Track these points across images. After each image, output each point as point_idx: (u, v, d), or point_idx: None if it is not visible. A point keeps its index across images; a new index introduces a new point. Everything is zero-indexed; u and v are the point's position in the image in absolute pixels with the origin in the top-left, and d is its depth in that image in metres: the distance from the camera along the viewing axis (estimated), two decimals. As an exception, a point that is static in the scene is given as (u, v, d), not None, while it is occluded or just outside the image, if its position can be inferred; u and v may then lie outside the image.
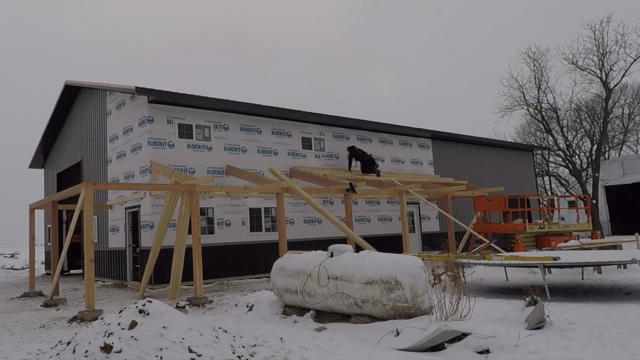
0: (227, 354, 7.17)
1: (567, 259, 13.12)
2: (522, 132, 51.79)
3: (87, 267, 12.56)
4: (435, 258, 12.06)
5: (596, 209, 36.62)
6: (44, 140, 29.82)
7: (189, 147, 19.64)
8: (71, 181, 25.94)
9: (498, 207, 23.32)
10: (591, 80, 39.06)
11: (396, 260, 9.25)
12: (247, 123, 21.42)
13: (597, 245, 19.31)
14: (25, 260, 38.27)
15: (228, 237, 19.98)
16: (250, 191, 17.78)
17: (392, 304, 8.79)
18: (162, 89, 18.51)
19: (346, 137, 24.84)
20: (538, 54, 39.72)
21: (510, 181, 32.34)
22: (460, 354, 7.27)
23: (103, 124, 23.18)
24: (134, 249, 20.10)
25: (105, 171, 22.62)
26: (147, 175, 18.60)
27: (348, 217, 19.80)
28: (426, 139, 28.96)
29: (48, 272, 27.73)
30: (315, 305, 10.19)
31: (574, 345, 7.30)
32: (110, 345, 6.70)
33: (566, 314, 9.26)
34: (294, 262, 11.08)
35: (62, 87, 25.98)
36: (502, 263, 13.78)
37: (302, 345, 8.13)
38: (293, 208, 21.81)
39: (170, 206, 16.08)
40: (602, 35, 36.24)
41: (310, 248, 12.49)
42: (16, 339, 9.98)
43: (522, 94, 40.88)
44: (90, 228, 12.74)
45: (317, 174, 21.74)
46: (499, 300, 11.90)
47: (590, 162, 41.19)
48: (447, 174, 29.08)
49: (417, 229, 26.88)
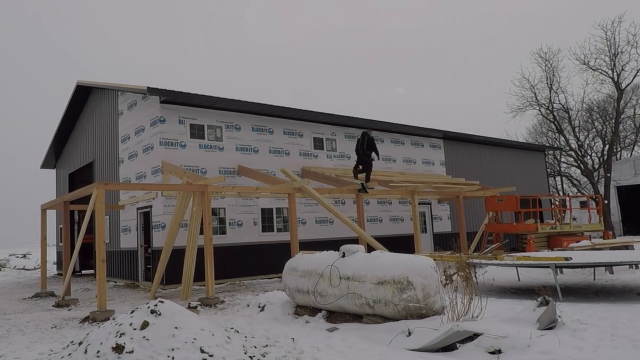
0: (238, 354, 7.18)
1: (579, 259, 13.08)
2: (533, 133, 51.61)
3: (98, 267, 12.60)
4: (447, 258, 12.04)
5: (608, 209, 36.49)
6: (55, 140, 29.93)
7: (200, 147, 19.67)
8: (83, 181, 26.05)
9: (510, 207, 23.28)
10: (603, 81, 39.03)
11: (408, 261, 9.23)
12: (259, 123, 21.44)
13: (609, 246, 19.27)
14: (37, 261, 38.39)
15: (240, 237, 20.00)
16: (262, 191, 17.77)
17: (404, 304, 8.78)
18: (173, 89, 18.54)
19: (357, 137, 24.79)
20: (550, 54, 39.70)
21: (522, 181, 32.27)
22: (472, 354, 7.26)
23: (115, 124, 23.25)
24: (145, 249, 20.14)
25: (117, 171, 22.68)
26: (159, 175, 18.64)
27: (360, 218, 19.75)
28: (438, 139, 28.88)
29: (60, 272, 27.88)
30: (327, 305, 10.19)
31: (585, 346, 7.28)
32: (122, 345, 6.72)
33: (578, 314, 9.24)
34: (305, 262, 11.08)
35: (73, 88, 26.04)
36: (514, 263, 13.75)
37: (314, 345, 8.14)
38: (305, 208, 21.81)
39: (182, 206, 16.11)
40: (614, 35, 36.16)
41: (321, 248, 12.50)
42: (28, 339, 10.01)
43: (534, 94, 40.87)
44: (102, 228, 12.79)
45: (328, 174, 21.72)
46: (511, 300, 11.87)
47: (602, 163, 40.99)
48: (459, 175, 29.00)
49: (428, 229, 26.82)
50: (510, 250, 25.15)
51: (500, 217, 24.52)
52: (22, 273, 31.96)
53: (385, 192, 21.76)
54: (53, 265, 32.36)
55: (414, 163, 27.33)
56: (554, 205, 28.22)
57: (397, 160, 26.46)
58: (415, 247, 20.70)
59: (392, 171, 25.50)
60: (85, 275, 27.10)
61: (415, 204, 21.32)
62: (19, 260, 44.06)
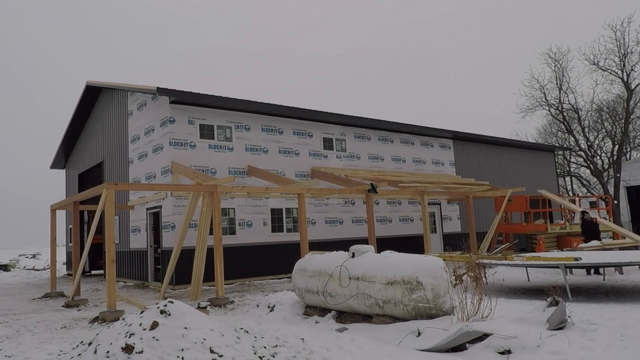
0: (248, 355, 7.19)
1: (589, 260, 13.07)
2: (543, 133, 51.40)
3: (108, 267, 12.62)
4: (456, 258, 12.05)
5: (617, 209, 36.35)
6: (65, 140, 30.02)
7: (210, 147, 19.70)
8: (92, 182, 26.11)
9: (520, 207, 23.26)
10: (612, 81, 38.88)
11: (417, 261, 9.23)
12: (269, 123, 21.46)
13: (619, 246, 19.24)
14: (47, 261, 38.56)
15: (249, 237, 20.02)
16: (271, 192, 17.79)
17: (413, 304, 8.77)
18: (183, 90, 18.58)
19: (367, 137, 24.82)
20: (559, 54, 39.57)
21: (531, 182, 32.16)
22: (482, 354, 7.26)
23: (124, 124, 23.31)
24: (155, 249, 20.17)
25: (127, 172, 22.74)
26: (169, 175, 18.67)
27: (369, 218, 19.73)
28: (447, 140, 28.85)
29: (69, 272, 27.93)
30: (337, 305, 10.19)
31: (595, 346, 7.29)
32: (132, 345, 6.74)
33: (587, 314, 9.23)
34: (315, 262, 11.09)
35: (83, 88, 26.11)
36: (524, 264, 13.73)
37: (324, 345, 8.15)
38: (314, 209, 21.82)
39: (192, 207, 16.14)
40: (623, 35, 36.03)
41: (331, 248, 12.49)
42: (37, 340, 10.03)
43: (544, 94, 40.75)
44: (111, 228, 12.81)
45: (338, 175, 21.71)
46: (521, 300, 11.86)
47: (611, 163, 40.81)
48: (468, 175, 28.94)
49: (438, 230, 26.78)
50: (520, 250, 25.10)
51: (510, 218, 24.50)
52: (31, 273, 32.04)
53: (395, 193, 21.74)
54: (63, 266, 32.45)
55: (424, 163, 27.31)
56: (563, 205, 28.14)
57: (407, 161, 26.45)
58: (425, 247, 20.69)
59: (402, 171, 25.50)
60: (95, 276, 27.17)
61: (425, 204, 21.31)
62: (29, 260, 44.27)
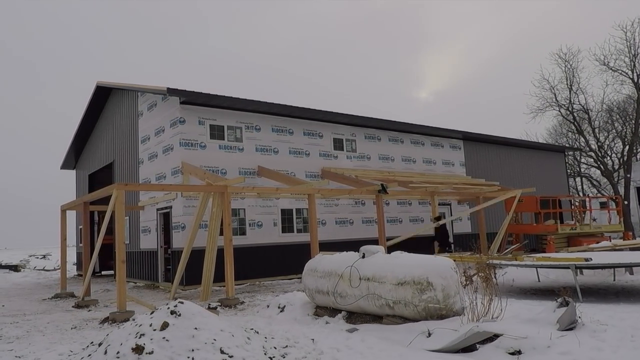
0: (258, 355, 7.20)
1: (599, 260, 13.02)
2: (553, 133, 51.27)
3: (118, 268, 12.64)
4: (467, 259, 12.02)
5: (628, 210, 36.16)
6: (75, 141, 30.11)
7: (220, 148, 19.72)
8: (103, 182, 26.16)
9: (530, 208, 23.19)
10: (623, 82, 38.75)
11: (428, 262, 9.23)
12: (279, 124, 21.47)
13: (629, 246, 19.18)
14: (57, 262, 38.66)
15: (259, 238, 20.03)
16: (281, 192, 17.79)
17: (423, 305, 8.77)
18: (193, 90, 18.61)
19: (378, 138, 24.80)
20: (569, 55, 39.47)
21: (542, 182, 32.06)
22: (492, 355, 7.24)
23: (134, 125, 23.38)
24: (165, 250, 20.21)
25: (137, 172, 22.80)
26: (179, 176, 18.70)
27: (380, 218, 19.71)
28: (458, 140, 28.81)
29: (79, 273, 28.02)
30: (347, 306, 10.19)
31: (605, 347, 7.27)
32: (142, 346, 6.75)
33: (598, 315, 9.20)
34: (325, 263, 11.08)
35: (93, 88, 26.19)
36: (534, 264, 13.70)
37: (334, 346, 8.14)
38: (324, 209, 21.81)
39: (202, 207, 16.16)
40: (634, 36, 35.94)
41: (341, 249, 12.47)
42: (48, 340, 10.06)
43: (554, 95, 40.65)
44: (121, 229, 12.83)
45: (348, 175, 21.71)
46: (531, 301, 11.83)
47: (622, 163, 40.66)
48: (478, 175, 28.88)
49: (448, 230, 26.71)
50: (530, 251, 25.02)
51: (521, 218, 24.44)
52: (41, 274, 32.12)
53: (405, 193, 21.72)
54: (73, 266, 32.50)
55: (434, 164, 27.27)
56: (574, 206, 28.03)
57: (417, 161, 26.42)
58: (435, 248, 20.66)
59: (412, 172, 25.47)
60: (105, 276, 27.23)
61: (435, 204, 21.29)
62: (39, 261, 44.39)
